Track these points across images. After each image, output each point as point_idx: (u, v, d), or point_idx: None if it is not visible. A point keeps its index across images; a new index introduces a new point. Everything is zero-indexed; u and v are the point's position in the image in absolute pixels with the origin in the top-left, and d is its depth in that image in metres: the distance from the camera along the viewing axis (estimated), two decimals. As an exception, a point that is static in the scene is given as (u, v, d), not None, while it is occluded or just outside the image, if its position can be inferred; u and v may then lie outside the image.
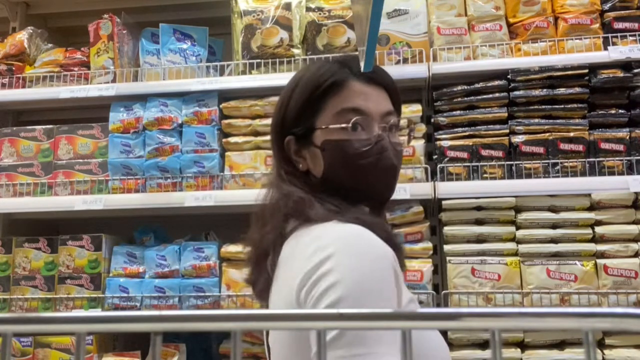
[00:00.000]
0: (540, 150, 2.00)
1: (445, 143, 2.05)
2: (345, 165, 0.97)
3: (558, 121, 2.02)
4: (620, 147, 1.98)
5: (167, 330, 0.28)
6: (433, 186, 1.98)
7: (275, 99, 2.18)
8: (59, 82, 2.38)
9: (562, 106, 2.02)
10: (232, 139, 2.19)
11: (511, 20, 2.16)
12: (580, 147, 1.99)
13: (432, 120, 2.12)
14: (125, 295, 2.12)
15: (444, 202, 1.97)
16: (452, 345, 1.90)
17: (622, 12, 2.09)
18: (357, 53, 0.86)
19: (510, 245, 1.93)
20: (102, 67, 2.34)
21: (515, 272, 1.90)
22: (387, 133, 0.99)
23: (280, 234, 0.96)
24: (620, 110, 2.01)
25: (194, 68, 2.30)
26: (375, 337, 0.74)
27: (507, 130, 2.04)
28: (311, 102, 1.00)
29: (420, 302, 1.91)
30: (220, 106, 2.21)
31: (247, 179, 2.13)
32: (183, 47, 2.34)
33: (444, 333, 1.12)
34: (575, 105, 2.02)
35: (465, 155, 2.03)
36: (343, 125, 0.97)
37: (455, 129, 2.08)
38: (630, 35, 2.05)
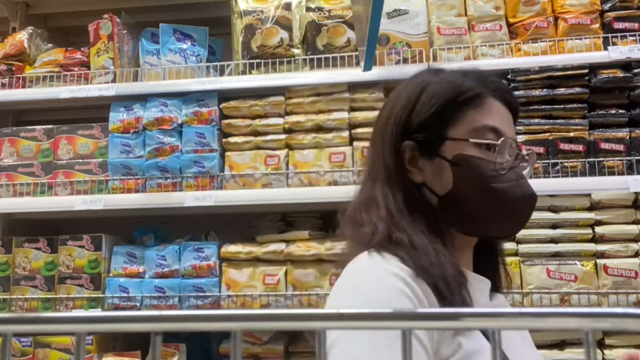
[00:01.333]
0: (540, 150, 2.00)
1: (445, 143, 2.05)
2: (478, 185, 0.86)
3: (558, 121, 2.02)
4: (620, 147, 1.98)
5: (167, 330, 0.28)
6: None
7: (276, 99, 2.22)
8: (59, 82, 2.38)
9: (562, 106, 2.02)
10: (232, 139, 2.19)
11: (511, 20, 2.16)
12: (580, 147, 1.99)
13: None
14: (125, 295, 2.12)
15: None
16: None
17: (622, 12, 2.09)
18: (453, 66, 0.85)
19: (510, 245, 1.93)
20: (102, 67, 2.34)
21: (515, 272, 1.90)
22: (519, 162, 0.90)
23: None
24: (620, 110, 2.01)
25: (194, 68, 2.30)
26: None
27: (507, 130, 2.04)
28: (447, 110, 0.89)
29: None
30: (220, 106, 2.21)
31: (247, 179, 2.13)
32: (183, 47, 2.34)
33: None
34: (575, 105, 2.02)
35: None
36: (486, 141, 0.87)
37: (455, 129, 2.08)
38: (630, 35, 2.05)
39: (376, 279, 0.79)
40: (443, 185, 0.88)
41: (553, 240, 1.93)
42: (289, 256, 2.05)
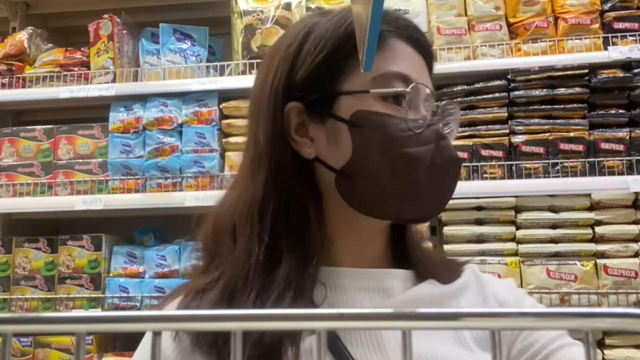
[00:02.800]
0: (540, 150, 2.00)
1: (445, 143, 2.05)
2: (386, 150, 0.64)
3: (558, 121, 2.02)
4: (620, 147, 1.98)
5: (167, 330, 0.28)
6: (433, 186, 1.98)
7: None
8: (59, 82, 2.38)
9: (562, 106, 2.02)
10: (232, 139, 2.19)
11: (511, 20, 2.16)
12: (580, 147, 1.99)
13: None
14: (125, 295, 2.12)
15: (444, 202, 1.97)
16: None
17: (622, 12, 2.09)
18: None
19: (510, 245, 1.93)
20: (102, 67, 2.34)
21: (515, 272, 1.90)
22: (438, 118, 0.69)
23: None
24: (620, 110, 2.01)
25: (194, 68, 2.30)
26: None
27: (507, 130, 2.04)
28: (339, 57, 0.67)
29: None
30: (220, 106, 2.21)
31: (247, 179, 2.13)
32: (183, 47, 2.34)
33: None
34: (575, 105, 2.02)
35: (465, 155, 2.03)
36: (392, 90, 0.66)
37: (455, 129, 2.08)
38: (630, 35, 2.05)
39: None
40: (340, 155, 0.66)
41: (553, 240, 1.93)
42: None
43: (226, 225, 0.69)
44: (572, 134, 2.00)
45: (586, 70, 2.00)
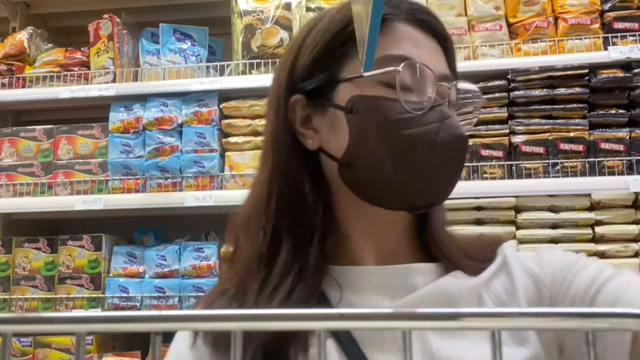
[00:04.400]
0: (540, 150, 2.00)
1: (445, 143, 2.05)
2: (384, 135, 0.62)
3: (558, 121, 2.02)
4: (620, 147, 1.98)
5: (167, 330, 0.28)
6: (433, 186, 1.98)
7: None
8: (59, 82, 2.38)
9: (562, 106, 2.02)
10: (232, 139, 2.19)
11: (511, 20, 2.16)
12: (580, 147, 1.99)
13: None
14: (125, 295, 2.12)
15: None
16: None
17: (622, 12, 2.09)
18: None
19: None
20: (102, 67, 2.34)
21: (515, 272, 1.90)
22: (447, 102, 0.66)
23: None
24: (620, 110, 2.01)
25: (194, 68, 2.30)
26: None
27: (507, 130, 2.04)
28: (336, 44, 0.66)
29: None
30: (220, 106, 2.21)
31: (247, 179, 2.13)
32: (183, 47, 2.34)
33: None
34: (575, 105, 2.02)
35: (465, 155, 2.03)
36: (381, 70, 0.63)
37: (455, 129, 2.08)
38: (630, 35, 2.05)
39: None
40: (340, 143, 0.65)
41: (553, 241, 1.92)
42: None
43: (241, 222, 0.70)
44: (572, 134, 2.00)
45: (586, 70, 2.00)
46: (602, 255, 1.89)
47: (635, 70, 1.99)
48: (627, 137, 1.98)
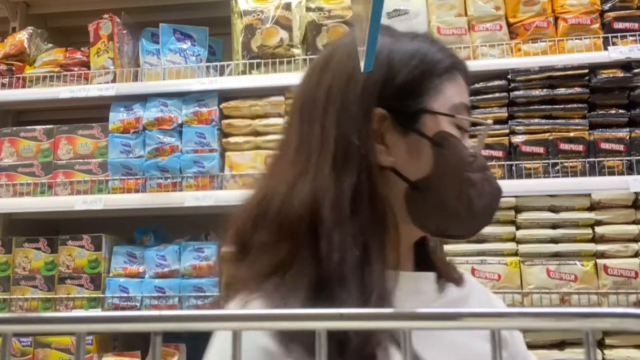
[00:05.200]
0: (540, 150, 2.00)
1: (445, 143, 2.05)
2: (456, 172, 0.70)
3: (558, 121, 2.02)
4: (620, 147, 1.98)
5: (167, 330, 0.28)
6: (433, 186, 1.98)
7: (276, 99, 2.22)
8: (59, 82, 2.38)
9: (562, 106, 2.02)
10: (232, 139, 2.19)
11: (511, 20, 2.16)
12: (580, 147, 1.99)
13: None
14: (125, 295, 2.12)
15: (444, 202, 1.97)
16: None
17: (622, 12, 2.09)
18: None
19: (510, 245, 1.93)
20: (102, 67, 2.34)
21: (515, 272, 1.90)
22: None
23: None
24: (620, 110, 2.01)
25: (194, 68, 2.30)
26: None
27: (507, 130, 2.04)
28: (428, 77, 0.72)
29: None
30: (220, 106, 2.21)
31: (247, 179, 2.13)
32: (183, 47, 2.34)
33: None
34: (575, 105, 2.02)
35: (465, 155, 2.03)
36: (472, 117, 0.75)
37: (455, 129, 2.08)
38: (630, 35, 2.05)
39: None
40: (419, 168, 0.70)
41: (553, 240, 1.93)
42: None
43: (299, 222, 0.67)
44: (572, 134, 2.00)
45: (586, 70, 2.00)
46: (602, 255, 1.89)
47: (635, 70, 1.99)
48: (627, 137, 1.98)
